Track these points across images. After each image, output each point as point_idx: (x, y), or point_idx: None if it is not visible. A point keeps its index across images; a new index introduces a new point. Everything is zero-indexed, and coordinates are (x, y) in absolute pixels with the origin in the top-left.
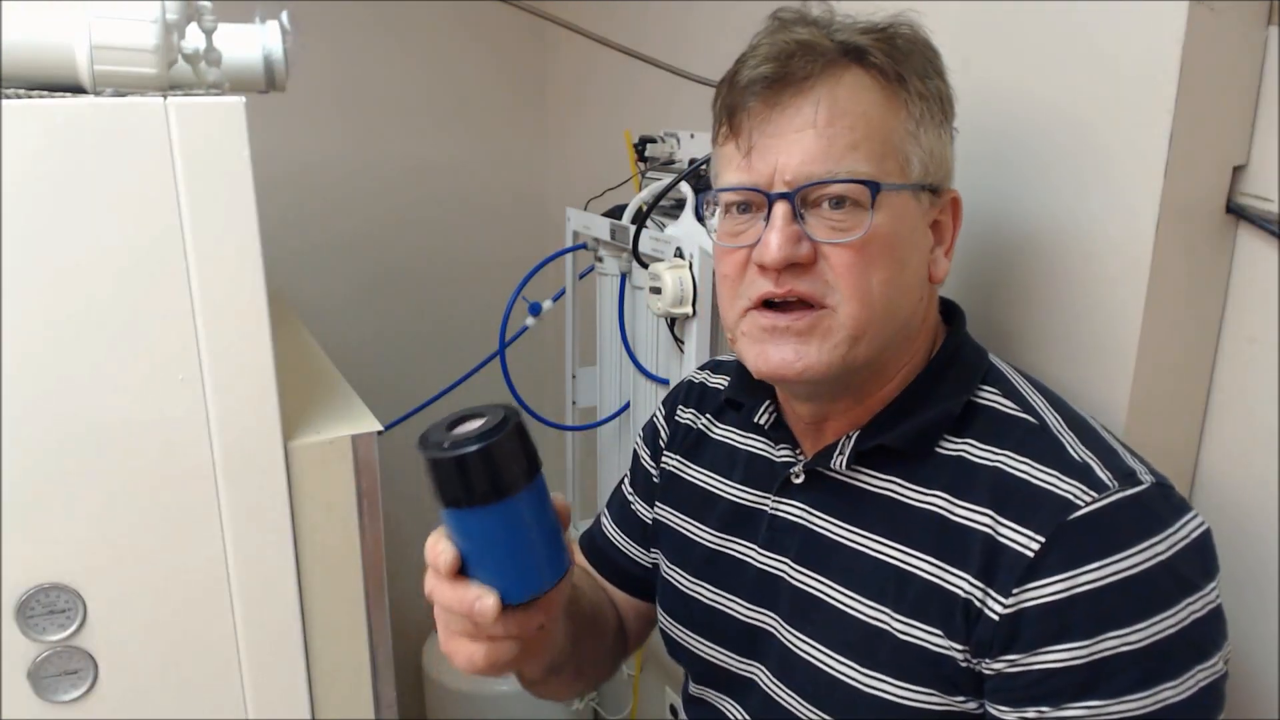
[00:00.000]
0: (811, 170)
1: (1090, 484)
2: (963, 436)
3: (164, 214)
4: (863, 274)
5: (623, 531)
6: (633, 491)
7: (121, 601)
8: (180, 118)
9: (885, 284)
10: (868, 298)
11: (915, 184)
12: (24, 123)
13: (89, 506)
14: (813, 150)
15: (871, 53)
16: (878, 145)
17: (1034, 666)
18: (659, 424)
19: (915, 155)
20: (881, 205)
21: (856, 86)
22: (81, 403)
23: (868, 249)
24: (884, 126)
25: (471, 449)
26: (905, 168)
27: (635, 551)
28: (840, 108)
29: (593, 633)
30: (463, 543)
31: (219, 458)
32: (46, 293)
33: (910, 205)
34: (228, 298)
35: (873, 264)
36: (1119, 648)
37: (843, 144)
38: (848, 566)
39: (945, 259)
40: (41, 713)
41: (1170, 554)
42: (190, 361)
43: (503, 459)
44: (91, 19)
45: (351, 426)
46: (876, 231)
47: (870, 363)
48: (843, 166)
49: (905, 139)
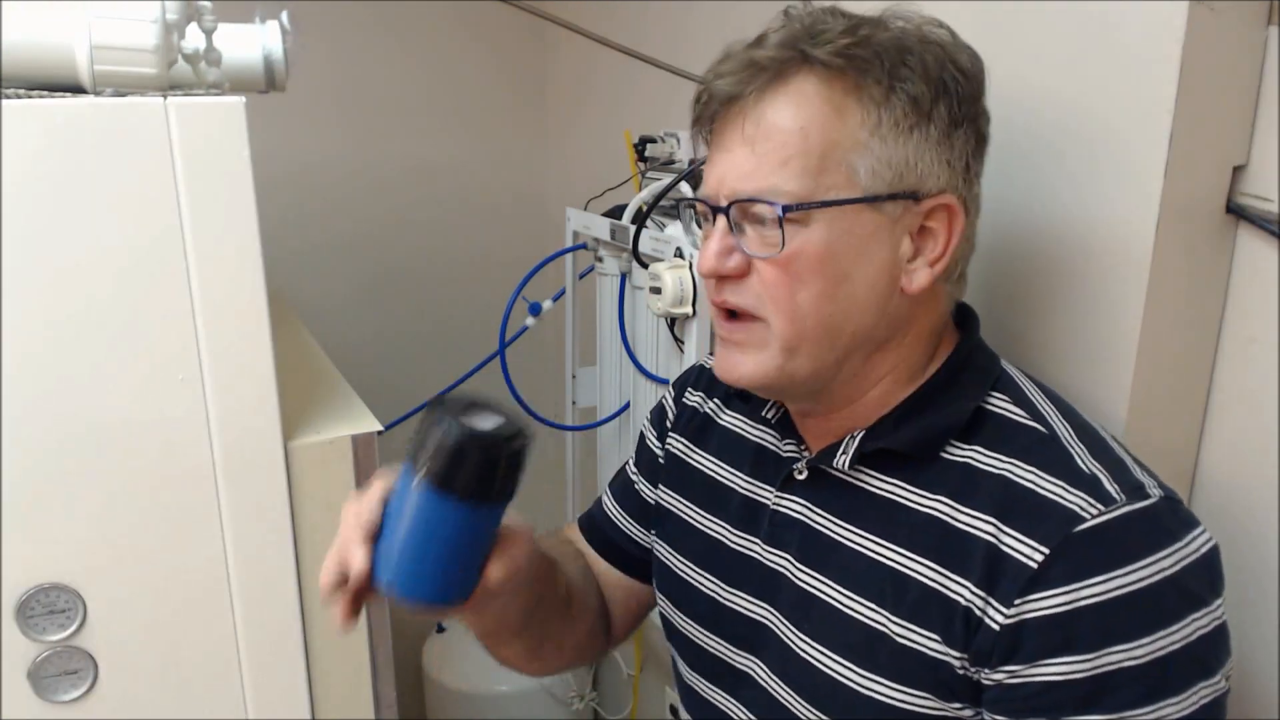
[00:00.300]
0: (738, 186)
1: (1098, 496)
2: (970, 443)
3: (164, 214)
4: (789, 289)
5: (623, 510)
6: (637, 471)
7: (121, 601)
8: (180, 118)
9: (817, 298)
10: (795, 313)
11: (869, 195)
12: (24, 123)
13: (89, 506)
14: (744, 167)
15: (827, 61)
16: (814, 160)
17: (1035, 678)
18: (667, 405)
19: (866, 164)
20: (815, 220)
21: (798, 98)
22: (82, 403)
23: (793, 265)
24: (824, 140)
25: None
26: (851, 179)
27: (635, 530)
28: (770, 124)
29: (561, 617)
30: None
31: (219, 458)
32: (46, 293)
33: (861, 218)
34: (228, 298)
35: (799, 279)
36: (1123, 662)
37: (773, 160)
38: (846, 566)
39: (930, 268)
40: (41, 713)
41: (1177, 569)
42: (190, 361)
43: (513, 468)
44: (91, 19)
45: (351, 426)
46: (804, 248)
47: (818, 374)
48: (767, 184)
49: (853, 149)
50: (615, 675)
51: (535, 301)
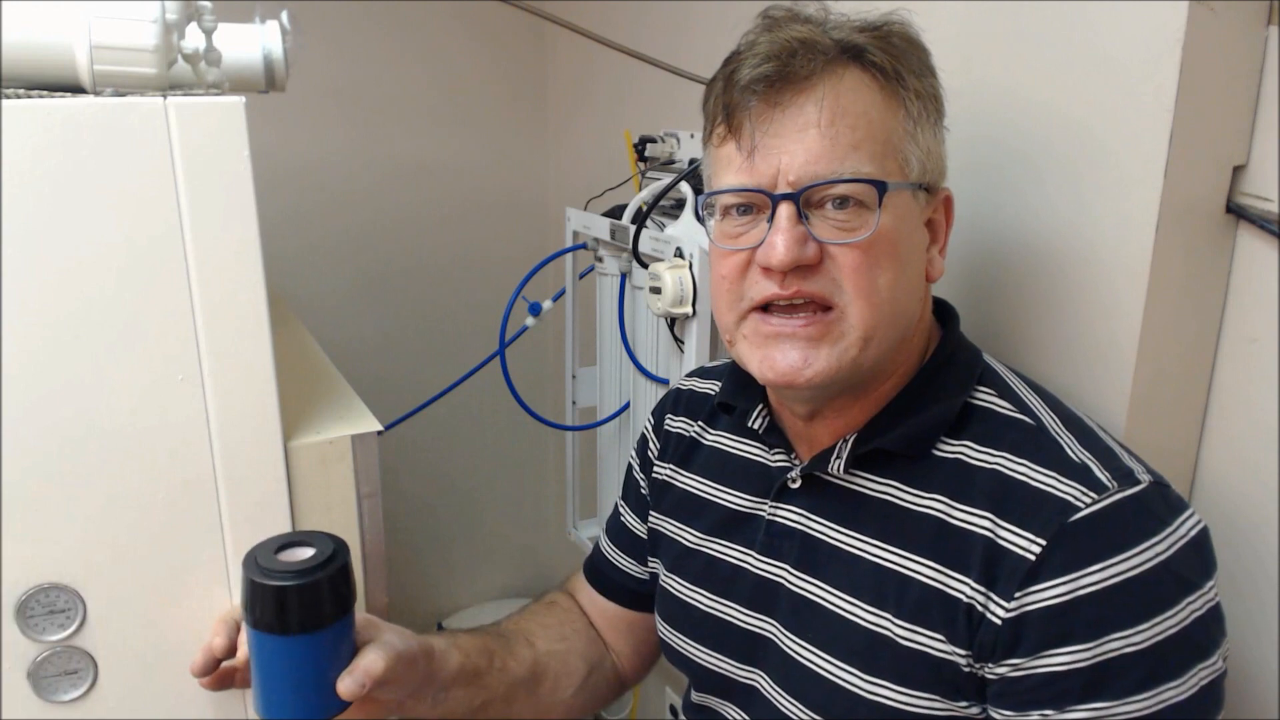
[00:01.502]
0: (816, 170)
1: (1090, 485)
2: (960, 438)
3: (164, 214)
4: (870, 274)
5: (618, 548)
6: (625, 506)
7: (121, 601)
8: (180, 117)
9: (891, 284)
10: (876, 298)
11: (914, 183)
12: (24, 123)
13: (89, 506)
14: (816, 150)
15: (870, 51)
16: (879, 145)
17: (1037, 670)
18: (648, 435)
19: (914, 155)
20: (885, 205)
21: (857, 85)
22: (81, 403)
23: (874, 249)
24: (884, 126)
25: (284, 583)
26: (905, 167)
27: (633, 567)
28: (842, 106)
29: (528, 694)
30: (251, 655)
31: (219, 458)
32: (46, 293)
33: (910, 205)
34: (228, 298)
35: (878, 264)
36: (1122, 649)
37: (845, 143)
38: (847, 571)
39: (940, 257)
40: (41, 713)
41: (1170, 553)
42: (190, 361)
43: (333, 590)
44: (91, 19)
45: (351, 426)
46: (882, 231)
47: (879, 363)
48: (846, 166)
49: (904, 138)
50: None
51: (535, 301)
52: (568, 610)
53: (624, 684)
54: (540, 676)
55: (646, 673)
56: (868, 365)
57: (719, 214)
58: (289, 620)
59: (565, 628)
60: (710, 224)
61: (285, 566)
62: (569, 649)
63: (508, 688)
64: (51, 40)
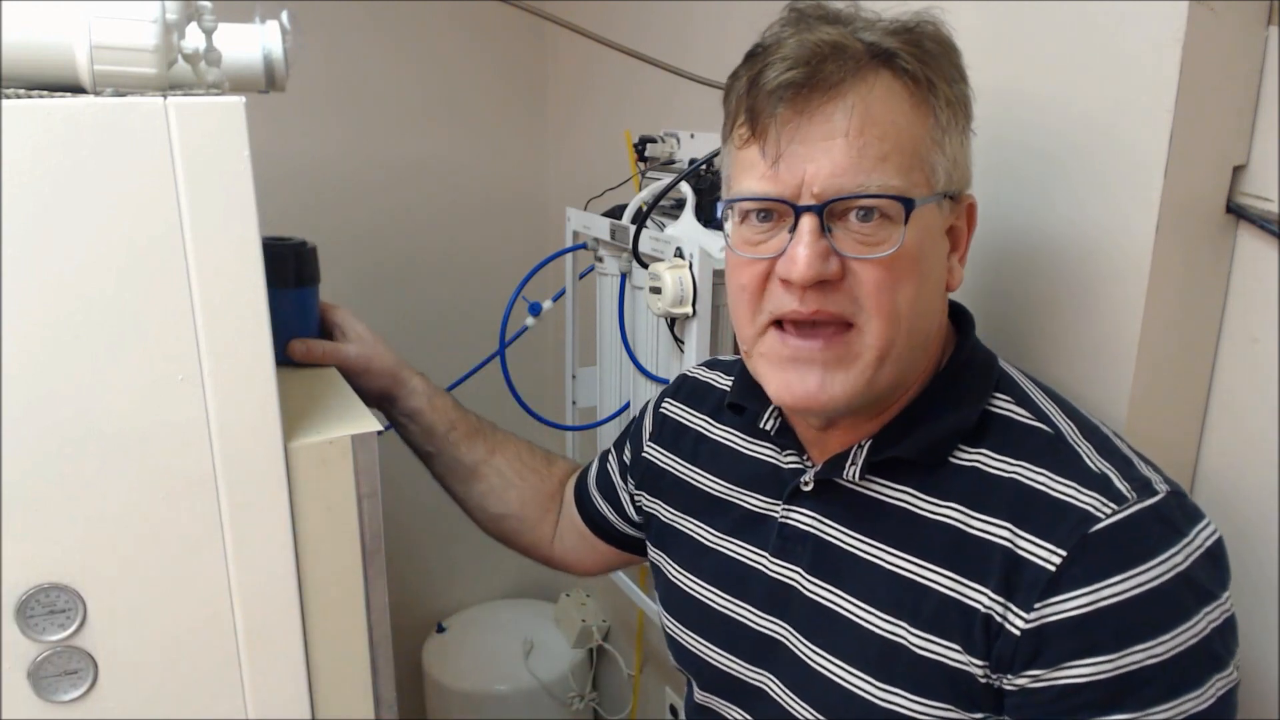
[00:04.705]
0: (842, 183)
1: (1110, 495)
2: (977, 446)
3: (164, 214)
4: (891, 292)
5: (599, 491)
6: (614, 455)
7: (121, 601)
8: (180, 117)
9: (912, 300)
10: (894, 315)
11: (939, 194)
12: (24, 123)
13: (89, 506)
14: (842, 161)
15: (902, 57)
16: (906, 156)
17: (1058, 682)
18: (646, 414)
19: (940, 164)
20: (911, 220)
21: (887, 93)
22: (81, 402)
23: (896, 264)
24: (912, 136)
25: (303, 244)
26: (931, 177)
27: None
28: (872, 115)
29: (461, 480)
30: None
31: (219, 458)
32: (46, 292)
33: (934, 216)
34: (228, 298)
35: (901, 280)
36: (1144, 661)
37: (873, 155)
38: (862, 578)
39: (960, 266)
40: (41, 713)
41: (1188, 564)
42: (190, 361)
43: (312, 260)
44: (91, 19)
45: (351, 426)
46: (906, 247)
47: (892, 383)
48: (873, 179)
49: (931, 148)
50: (615, 675)
51: (535, 301)
52: (547, 470)
53: (546, 559)
54: (476, 478)
55: (570, 570)
56: (884, 383)
57: (738, 217)
58: (288, 275)
59: (531, 475)
60: (728, 226)
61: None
62: (521, 485)
63: (450, 460)
64: (51, 40)
